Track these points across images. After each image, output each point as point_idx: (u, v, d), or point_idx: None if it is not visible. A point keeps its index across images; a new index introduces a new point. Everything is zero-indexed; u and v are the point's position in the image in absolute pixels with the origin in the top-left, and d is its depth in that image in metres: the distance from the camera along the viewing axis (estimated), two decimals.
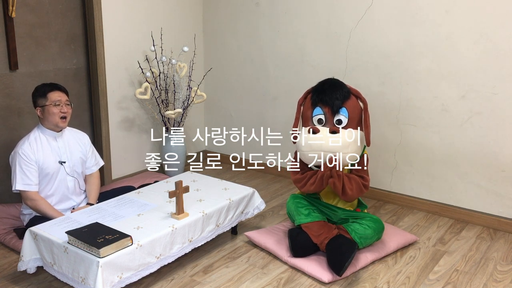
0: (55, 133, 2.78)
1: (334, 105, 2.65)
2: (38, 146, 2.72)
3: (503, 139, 2.96)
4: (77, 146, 2.88)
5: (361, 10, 3.35)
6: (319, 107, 2.70)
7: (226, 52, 4.18)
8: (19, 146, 2.69)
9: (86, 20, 3.46)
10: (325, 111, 2.68)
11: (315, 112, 2.71)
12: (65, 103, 2.74)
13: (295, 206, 2.75)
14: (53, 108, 2.69)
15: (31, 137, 2.73)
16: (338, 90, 2.68)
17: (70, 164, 2.82)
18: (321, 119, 2.69)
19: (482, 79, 2.96)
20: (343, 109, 2.67)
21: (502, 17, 2.84)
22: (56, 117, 2.71)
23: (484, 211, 3.11)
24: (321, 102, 2.69)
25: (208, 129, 4.49)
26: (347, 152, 2.59)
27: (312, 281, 2.46)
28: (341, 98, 2.66)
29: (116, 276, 2.11)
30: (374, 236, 2.62)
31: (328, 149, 2.57)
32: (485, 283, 2.45)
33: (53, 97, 2.70)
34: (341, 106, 2.66)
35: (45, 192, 2.74)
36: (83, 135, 2.97)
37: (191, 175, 3.15)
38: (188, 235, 2.46)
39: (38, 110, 2.73)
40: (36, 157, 2.69)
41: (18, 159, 2.65)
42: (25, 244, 2.32)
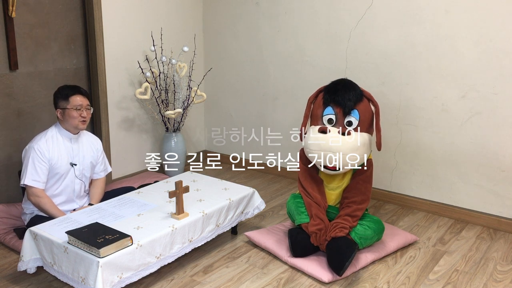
0: (72, 135, 2.78)
1: (346, 106, 2.63)
2: (54, 145, 2.72)
3: (503, 139, 2.96)
4: (89, 151, 2.88)
5: (361, 10, 3.35)
6: (330, 107, 2.68)
7: (226, 52, 4.18)
8: (35, 141, 2.69)
9: (86, 20, 3.46)
10: (336, 111, 2.66)
11: (326, 112, 2.69)
12: (86, 108, 2.73)
13: (295, 206, 2.75)
14: (74, 112, 2.69)
15: (48, 134, 2.73)
16: (352, 91, 2.66)
17: (80, 167, 2.82)
18: (331, 119, 2.67)
19: (482, 79, 2.96)
20: (355, 111, 2.65)
21: (502, 17, 2.84)
22: (76, 120, 2.71)
23: (484, 211, 3.11)
24: (333, 102, 2.67)
25: (208, 129, 4.49)
26: (354, 154, 2.58)
27: (312, 281, 2.46)
28: (354, 99, 2.64)
29: (116, 276, 2.11)
30: (374, 236, 2.62)
31: (336, 149, 2.55)
32: (485, 283, 2.45)
33: (74, 101, 2.69)
34: (353, 107, 2.64)
35: (51, 191, 2.74)
36: (97, 140, 2.96)
37: (191, 175, 3.15)
38: (188, 235, 2.46)
39: (58, 112, 2.72)
40: (50, 155, 2.69)
41: (32, 154, 2.65)
42: (25, 244, 2.31)
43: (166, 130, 3.87)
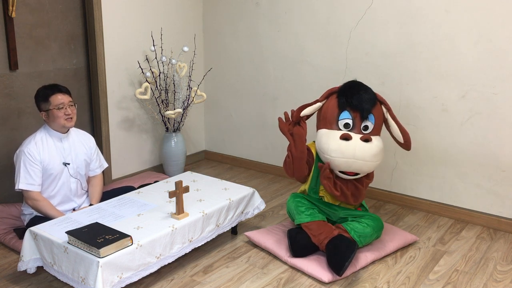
0: (61, 135, 2.77)
1: (364, 110, 2.59)
2: (44, 146, 2.71)
3: (503, 139, 2.96)
4: (82, 148, 2.87)
5: (361, 10, 3.35)
6: (347, 111, 2.62)
7: (226, 52, 4.18)
8: (25, 145, 2.68)
9: (86, 20, 3.46)
10: (353, 115, 2.61)
11: (343, 116, 2.63)
12: (68, 105, 2.71)
13: (295, 205, 2.75)
14: (57, 111, 2.67)
15: (37, 136, 2.72)
16: (367, 95, 2.61)
17: (74, 166, 2.81)
18: (348, 123, 2.61)
19: (482, 79, 2.96)
20: (371, 116, 2.62)
21: (502, 17, 2.84)
22: (61, 119, 2.69)
23: (484, 211, 3.11)
24: (350, 107, 2.60)
25: (208, 129, 4.49)
26: (376, 160, 2.56)
27: (312, 281, 2.46)
28: (371, 103, 2.61)
29: (116, 276, 2.11)
30: (373, 234, 2.62)
31: (361, 157, 2.51)
32: (485, 283, 2.45)
33: (55, 100, 2.67)
34: (370, 111, 2.61)
35: (47, 192, 2.74)
36: (89, 137, 2.95)
37: (191, 175, 3.15)
38: (188, 235, 2.46)
39: (43, 114, 2.71)
40: (41, 157, 2.68)
41: (23, 158, 2.64)
42: (25, 244, 2.32)
43: (166, 130, 3.87)
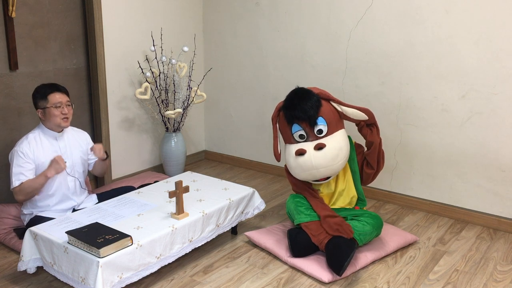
0: (56, 133, 2.78)
1: (310, 118, 2.64)
2: (38, 145, 2.71)
3: (503, 139, 2.96)
4: (77, 146, 2.87)
5: (361, 10, 3.35)
6: (296, 124, 2.69)
7: (226, 52, 4.18)
8: (18, 145, 2.69)
9: (86, 20, 3.46)
10: (303, 126, 2.68)
11: (294, 129, 2.71)
12: (66, 104, 2.72)
13: (295, 205, 2.76)
14: (54, 110, 2.68)
15: (30, 136, 2.72)
16: (308, 102, 2.64)
17: (70, 164, 2.81)
18: (302, 134, 2.70)
19: (482, 79, 2.96)
20: (320, 119, 2.67)
21: (502, 17, 2.84)
22: (57, 118, 2.70)
23: (484, 211, 3.11)
24: (296, 119, 2.67)
25: (208, 129, 4.49)
26: (338, 161, 2.66)
27: (312, 281, 2.46)
28: (314, 108, 2.64)
29: (116, 276, 2.11)
30: (373, 232, 2.62)
31: (320, 165, 2.63)
32: (485, 283, 2.45)
33: (53, 99, 2.68)
34: (317, 116, 2.66)
35: (45, 192, 2.74)
36: (84, 134, 2.96)
37: (191, 175, 3.15)
38: (188, 235, 2.46)
39: (39, 112, 2.72)
40: (35, 155, 2.68)
41: (16, 158, 2.65)
42: (25, 244, 2.32)
43: (166, 130, 3.87)
